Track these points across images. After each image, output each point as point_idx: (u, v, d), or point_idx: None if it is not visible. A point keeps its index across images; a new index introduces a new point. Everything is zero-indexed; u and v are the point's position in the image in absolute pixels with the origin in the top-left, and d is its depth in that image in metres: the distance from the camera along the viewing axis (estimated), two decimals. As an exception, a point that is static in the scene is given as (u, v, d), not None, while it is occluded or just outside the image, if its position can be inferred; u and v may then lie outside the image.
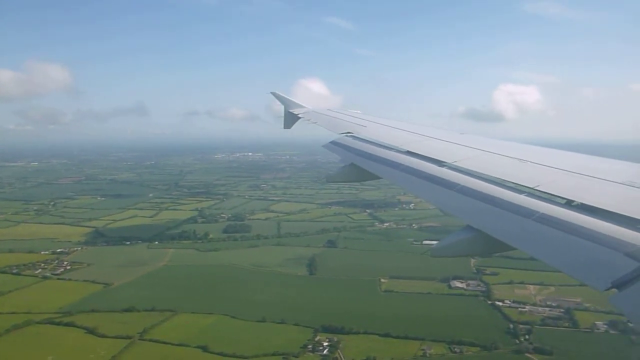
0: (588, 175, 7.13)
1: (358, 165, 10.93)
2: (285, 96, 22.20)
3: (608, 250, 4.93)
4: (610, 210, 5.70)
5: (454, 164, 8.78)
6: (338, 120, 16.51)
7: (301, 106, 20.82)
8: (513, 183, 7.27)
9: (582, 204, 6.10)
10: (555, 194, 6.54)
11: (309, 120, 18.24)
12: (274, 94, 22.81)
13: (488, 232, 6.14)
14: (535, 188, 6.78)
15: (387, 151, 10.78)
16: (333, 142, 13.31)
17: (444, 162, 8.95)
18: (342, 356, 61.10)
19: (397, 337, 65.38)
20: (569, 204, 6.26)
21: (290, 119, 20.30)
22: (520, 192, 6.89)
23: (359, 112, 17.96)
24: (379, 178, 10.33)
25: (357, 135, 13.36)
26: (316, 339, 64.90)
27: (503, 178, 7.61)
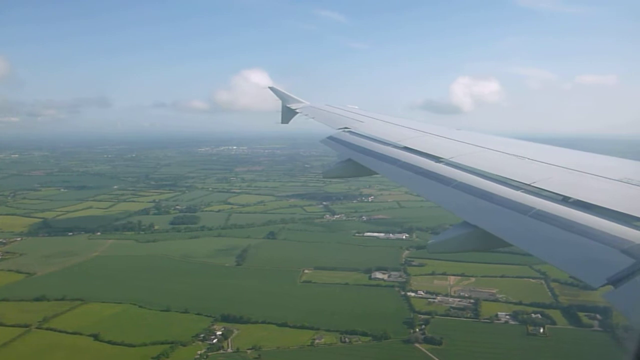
0: (584, 172, 7.11)
1: (355, 161, 10.90)
2: (283, 91, 22.07)
3: (604, 247, 4.88)
4: (606, 207, 5.66)
5: (451, 159, 8.75)
6: (335, 116, 16.56)
7: (299, 101, 20.79)
8: (509, 179, 7.22)
9: (578, 200, 6.05)
10: (552, 190, 6.51)
11: (306, 115, 18.27)
12: (271, 88, 22.68)
13: (484, 228, 6.12)
14: (532, 184, 6.75)
15: (384, 147, 10.78)
16: (330, 138, 13.26)
17: (441, 158, 8.95)
18: (230, 345, 61.14)
19: (294, 327, 65.46)
20: (565, 200, 6.21)
21: (288, 113, 20.32)
22: (516, 188, 6.86)
23: (356, 107, 18.00)
24: (376, 174, 10.31)
25: (354, 131, 13.33)
26: (212, 328, 64.94)
27: (500, 174, 7.58)
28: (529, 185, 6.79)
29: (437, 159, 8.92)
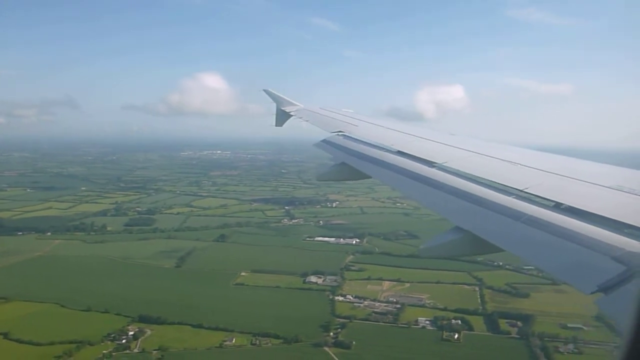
0: (576, 179, 7.09)
1: (349, 164, 10.87)
2: (278, 94, 21.82)
3: (595, 254, 4.85)
4: (598, 213, 5.64)
5: (444, 164, 8.77)
6: (330, 119, 16.55)
7: (293, 104, 20.59)
8: (502, 185, 7.20)
9: (570, 206, 6.04)
10: (544, 196, 6.50)
11: (300, 118, 18.24)
12: (266, 91, 22.40)
13: (476, 233, 6.10)
14: (524, 190, 6.72)
15: (378, 151, 10.79)
16: (324, 141, 13.18)
17: (435, 162, 8.95)
18: (137, 345, 60.74)
19: (209, 329, 65.18)
20: (557, 206, 6.19)
21: (282, 116, 20.18)
22: (509, 194, 6.83)
23: (351, 111, 17.96)
24: (370, 177, 10.31)
25: (348, 134, 13.33)
26: (126, 329, 64.54)
27: (492, 179, 7.56)
28: (521, 190, 6.78)
29: (430, 164, 8.94)
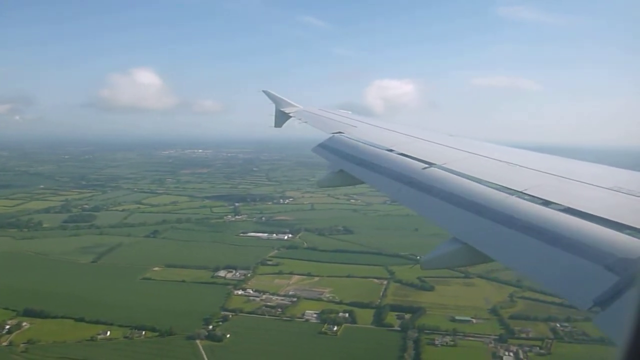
0: (575, 180, 7.07)
1: (346, 172, 10.85)
2: (277, 95, 22.08)
3: (589, 264, 4.66)
4: (596, 215, 5.55)
5: (444, 165, 8.81)
6: (328, 120, 16.71)
7: (292, 105, 20.85)
8: (502, 186, 7.21)
9: (569, 208, 5.96)
10: (543, 197, 6.47)
11: (300, 119, 18.50)
12: (265, 92, 22.61)
13: (472, 245, 6.04)
14: (524, 192, 6.76)
15: (375, 154, 10.82)
16: (321, 145, 13.12)
17: (433, 164, 8.96)
18: (8, 339, 60.59)
19: (89, 322, 65.01)
20: (556, 208, 6.14)
21: (281, 117, 20.48)
22: (507, 196, 6.87)
23: (349, 112, 18.14)
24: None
25: (346, 137, 13.35)
26: (5, 322, 64.38)
27: (492, 181, 7.56)
28: (521, 192, 6.74)
29: (427, 166, 8.90)
